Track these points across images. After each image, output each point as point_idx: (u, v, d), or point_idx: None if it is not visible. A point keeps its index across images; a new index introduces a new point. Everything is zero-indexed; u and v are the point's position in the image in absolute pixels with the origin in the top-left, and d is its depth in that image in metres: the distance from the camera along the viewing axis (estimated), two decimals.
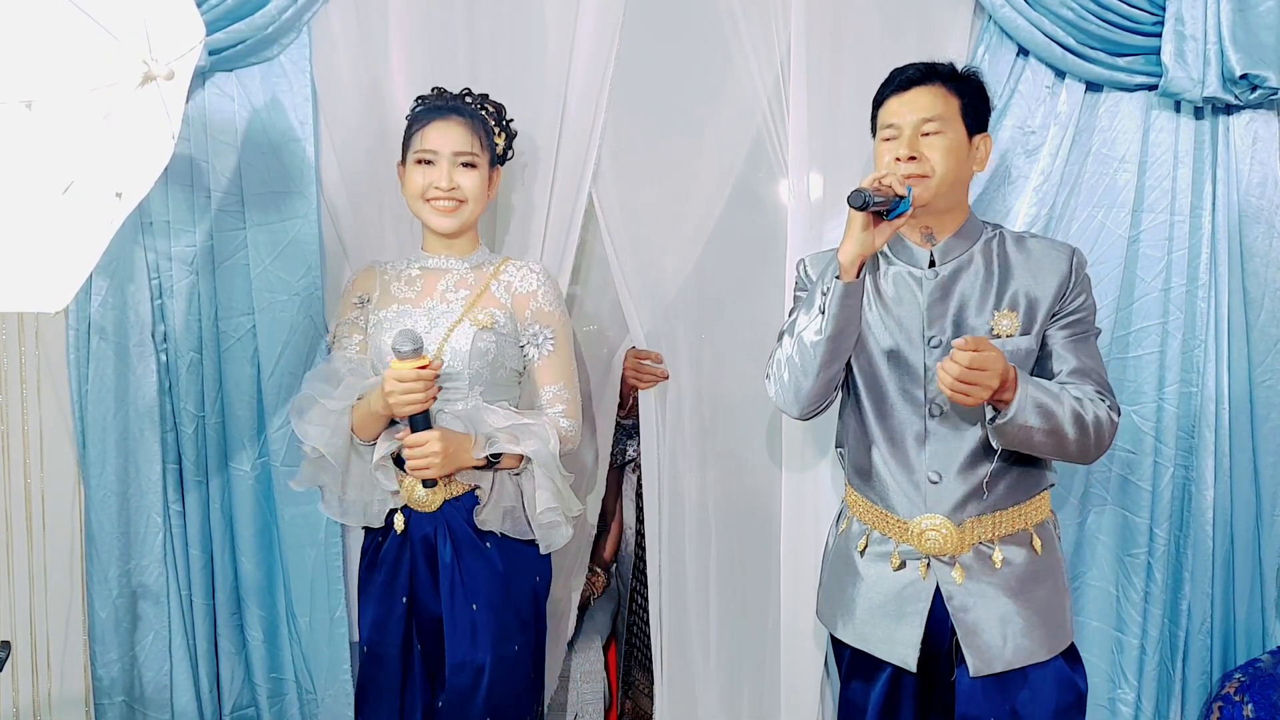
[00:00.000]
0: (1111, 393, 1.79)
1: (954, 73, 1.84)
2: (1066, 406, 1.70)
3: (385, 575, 2.02)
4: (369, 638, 2.04)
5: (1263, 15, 2.06)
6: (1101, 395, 1.77)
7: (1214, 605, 2.28)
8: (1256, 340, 2.23)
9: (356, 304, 2.09)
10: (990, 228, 1.88)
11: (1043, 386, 1.71)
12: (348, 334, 2.09)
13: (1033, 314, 1.79)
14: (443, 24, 2.27)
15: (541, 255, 2.28)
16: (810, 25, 2.19)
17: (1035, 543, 1.82)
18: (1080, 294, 1.81)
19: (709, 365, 2.40)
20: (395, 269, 2.10)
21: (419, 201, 2.02)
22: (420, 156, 2.01)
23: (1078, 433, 1.71)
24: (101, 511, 2.28)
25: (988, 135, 1.85)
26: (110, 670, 2.32)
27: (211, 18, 2.12)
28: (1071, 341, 1.79)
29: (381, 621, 2.01)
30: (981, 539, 1.80)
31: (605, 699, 2.58)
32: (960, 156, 1.80)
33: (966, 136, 1.81)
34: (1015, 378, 1.67)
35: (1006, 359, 1.67)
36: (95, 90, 1.42)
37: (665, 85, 2.31)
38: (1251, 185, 2.19)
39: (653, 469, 2.41)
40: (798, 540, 2.31)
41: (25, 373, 2.29)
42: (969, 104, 1.82)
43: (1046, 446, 1.72)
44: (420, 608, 2.01)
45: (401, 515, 2.01)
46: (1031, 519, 1.83)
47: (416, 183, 2.01)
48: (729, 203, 2.32)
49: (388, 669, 2.02)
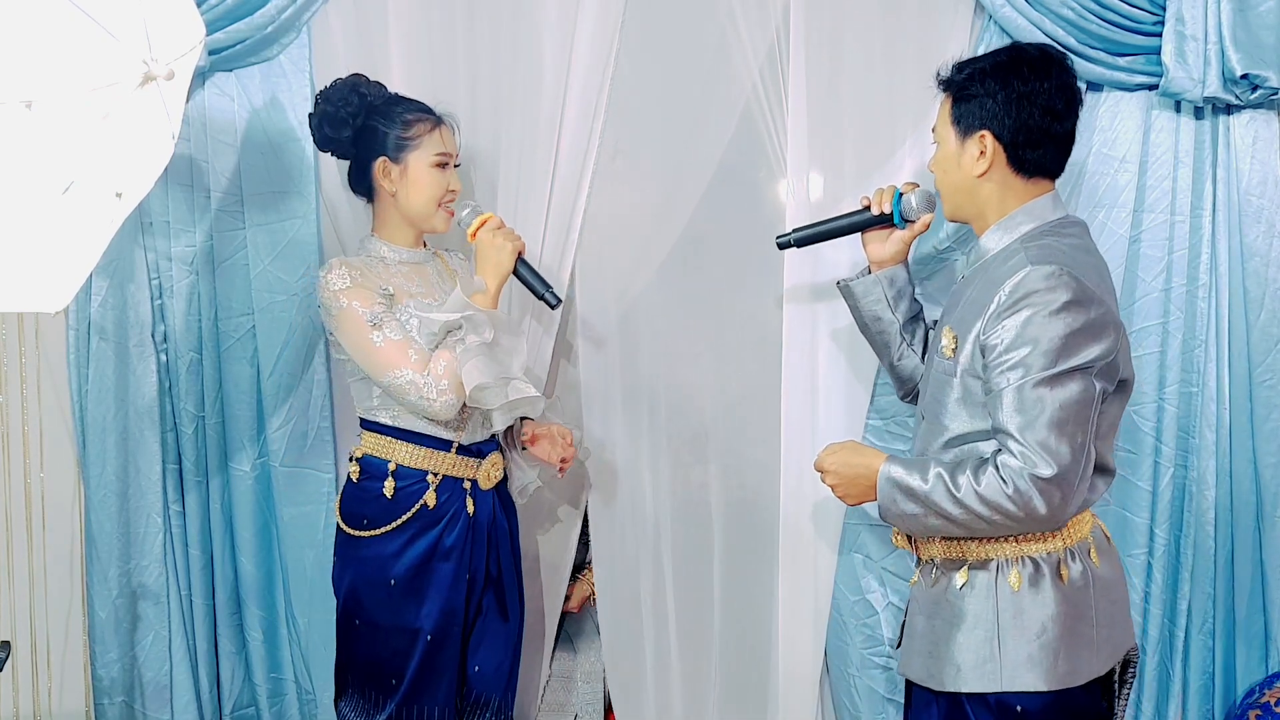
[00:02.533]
0: (1045, 448, 1.50)
1: (953, 74, 1.72)
2: (935, 485, 1.57)
3: (455, 564, 2.03)
4: (437, 625, 2.02)
5: (1263, 15, 2.06)
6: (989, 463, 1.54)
7: (1214, 605, 2.28)
8: (1256, 340, 2.23)
9: (384, 294, 1.96)
10: (1041, 227, 1.66)
11: (909, 466, 1.62)
12: (389, 310, 1.95)
13: (963, 339, 1.63)
14: (443, 24, 2.26)
15: (541, 255, 2.28)
16: (810, 25, 2.18)
17: (961, 577, 1.67)
18: (1008, 326, 1.54)
19: (709, 363, 2.40)
20: (375, 264, 2.02)
21: (432, 204, 2.01)
22: (442, 159, 2.01)
23: (963, 512, 1.55)
24: (101, 511, 2.28)
25: (985, 132, 1.66)
26: (110, 670, 2.32)
27: (211, 17, 2.12)
28: (1010, 389, 1.53)
29: (451, 609, 2.03)
30: (931, 556, 1.73)
31: (605, 699, 2.58)
32: (947, 165, 1.72)
33: (957, 141, 1.70)
34: (878, 468, 1.64)
35: (861, 461, 1.68)
36: (95, 90, 1.42)
37: (664, 85, 2.30)
38: (1251, 185, 2.19)
39: (652, 469, 2.41)
40: (796, 539, 2.31)
41: (25, 373, 2.29)
42: (955, 102, 1.70)
43: (954, 528, 1.60)
44: (474, 583, 2.08)
45: (472, 499, 2.05)
46: (976, 554, 1.66)
47: (438, 185, 2.01)
48: (728, 202, 2.32)
49: (450, 650, 2.04)
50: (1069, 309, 1.52)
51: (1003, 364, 1.54)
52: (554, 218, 2.28)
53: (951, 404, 1.65)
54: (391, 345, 1.91)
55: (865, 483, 1.68)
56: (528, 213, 2.27)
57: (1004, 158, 1.66)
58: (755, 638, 2.42)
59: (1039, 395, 1.51)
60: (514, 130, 2.26)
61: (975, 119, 1.67)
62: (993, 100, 1.65)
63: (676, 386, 2.40)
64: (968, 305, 1.65)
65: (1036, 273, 1.54)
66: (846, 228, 1.95)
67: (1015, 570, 1.63)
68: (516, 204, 2.28)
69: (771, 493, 2.34)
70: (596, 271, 2.36)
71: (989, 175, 1.68)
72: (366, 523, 2.03)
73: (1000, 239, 1.68)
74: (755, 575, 2.40)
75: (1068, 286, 1.53)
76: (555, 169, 2.27)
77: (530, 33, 2.23)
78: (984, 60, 1.71)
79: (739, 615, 2.43)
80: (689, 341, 2.39)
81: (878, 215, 1.91)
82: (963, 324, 1.64)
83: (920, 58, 2.08)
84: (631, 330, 2.38)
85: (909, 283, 1.97)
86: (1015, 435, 1.52)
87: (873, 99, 2.19)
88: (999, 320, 1.55)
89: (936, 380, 1.70)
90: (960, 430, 1.65)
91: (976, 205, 1.71)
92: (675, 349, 2.39)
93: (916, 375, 1.94)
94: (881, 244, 1.93)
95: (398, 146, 2.00)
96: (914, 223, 1.90)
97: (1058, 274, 1.53)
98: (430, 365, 1.92)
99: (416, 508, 2.01)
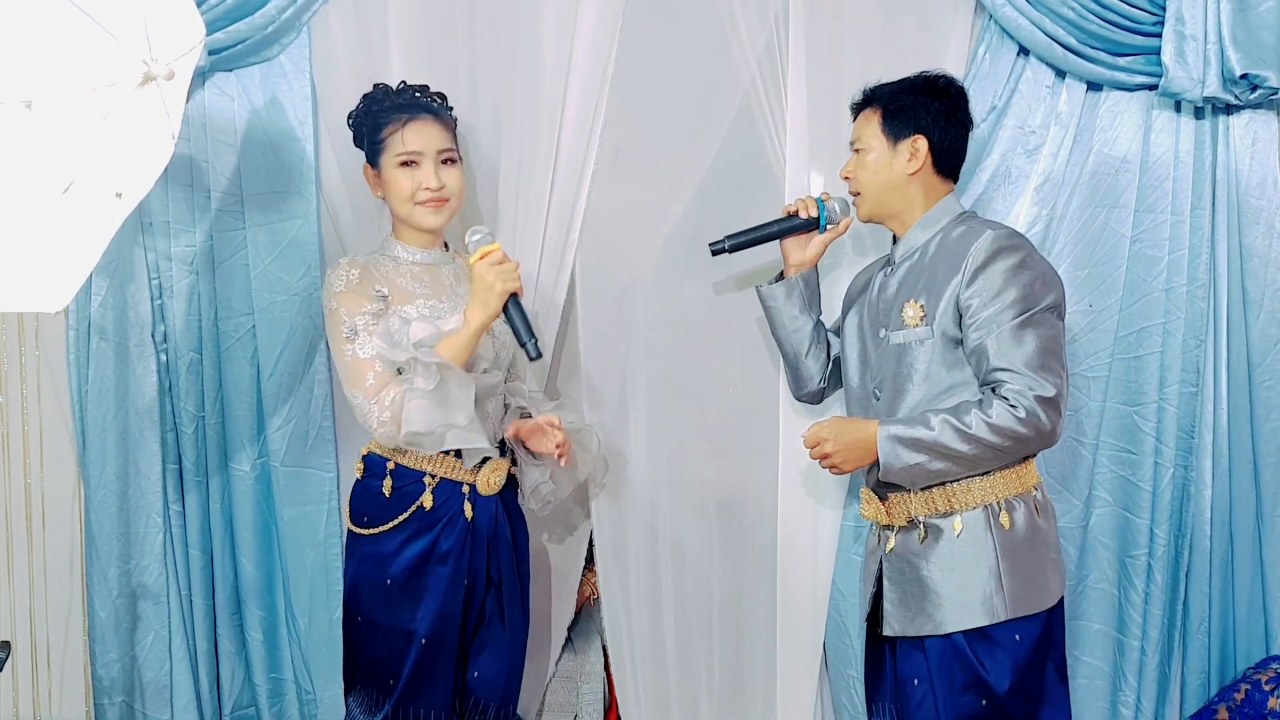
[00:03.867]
0: (1042, 373, 1.75)
1: (877, 92, 1.96)
2: (942, 429, 1.78)
3: (451, 567, 2.02)
4: (432, 628, 2.01)
5: (1263, 15, 2.07)
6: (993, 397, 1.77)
7: (1211, 605, 2.28)
8: (1256, 340, 2.23)
9: (379, 297, 1.98)
10: (959, 218, 1.93)
11: (909, 422, 1.82)
12: (372, 322, 1.96)
13: (934, 304, 1.85)
14: (442, 24, 2.26)
15: (541, 256, 2.28)
16: (810, 25, 2.19)
17: (956, 525, 1.85)
18: (982, 283, 1.80)
19: (709, 363, 2.40)
20: (386, 263, 2.04)
21: (408, 204, 2.01)
22: (404, 159, 2.00)
23: (973, 446, 1.77)
24: (101, 511, 2.28)
25: (918, 136, 1.89)
26: (110, 670, 2.32)
27: (211, 17, 2.12)
28: (993, 336, 1.78)
29: (447, 613, 2.02)
30: (911, 514, 1.89)
31: (605, 699, 2.58)
32: (879, 167, 1.93)
33: (887, 146, 1.92)
34: (875, 431, 1.83)
35: (855, 427, 1.87)
36: (95, 90, 1.42)
37: (664, 84, 2.30)
38: (1251, 185, 2.20)
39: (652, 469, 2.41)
40: (795, 538, 2.31)
41: (25, 373, 2.29)
42: (886, 114, 1.92)
43: (957, 469, 1.81)
44: (474, 589, 2.07)
45: (470, 504, 2.04)
46: (962, 502, 1.85)
47: (404, 186, 2.00)
48: (728, 201, 2.32)
49: (446, 654, 2.04)
50: (1029, 264, 1.81)
51: (985, 315, 1.79)
52: (554, 218, 2.28)
53: (921, 367, 1.87)
54: (356, 362, 1.94)
55: (863, 446, 1.85)
56: (528, 213, 2.27)
57: (930, 160, 1.92)
58: (755, 637, 2.42)
59: (1024, 333, 1.77)
60: (514, 130, 2.26)
61: (909, 126, 1.91)
62: (925, 111, 1.91)
63: (676, 386, 2.40)
64: (931, 277, 1.87)
65: (998, 234, 1.83)
66: (777, 233, 2.10)
67: (1004, 512, 1.84)
68: (516, 204, 2.28)
69: (771, 492, 2.34)
70: (596, 271, 2.36)
71: (918, 175, 1.92)
72: (368, 520, 2.03)
73: (925, 231, 1.94)
74: (754, 575, 2.40)
75: (1023, 246, 1.84)
76: (555, 169, 2.26)
77: (530, 33, 2.23)
78: (906, 81, 1.95)
79: (738, 615, 2.43)
80: (689, 341, 2.39)
81: (805, 220, 2.08)
82: (931, 292, 1.86)
83: (920, 58, 2.08)
84: (631, 330, 2.38)
85: (818, 286, 2.17)
86: (1012, 368, 1.76)
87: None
88: (974, 279, 1.80)
89: (896, 355, 1.91)
90: (929, 391, 1.86)
91: (900, 203, 1.95)
92: (675, 349, 2.39)
93: (817, 375, 2.15)
94: (802, 248, 2.11)
95: (373, 151, 2.03)
96: (835, 225, 2.09)
97: (1013, 235, 1.86)
98: (379, 394, 1.93)
99: (414, 508, 2.01)
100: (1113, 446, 2.28)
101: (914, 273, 1.92)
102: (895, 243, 1.99)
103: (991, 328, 1.78)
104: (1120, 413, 2.27)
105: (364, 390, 1.93)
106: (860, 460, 1.89)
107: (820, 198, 2.09)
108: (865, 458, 1.87)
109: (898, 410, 1.90)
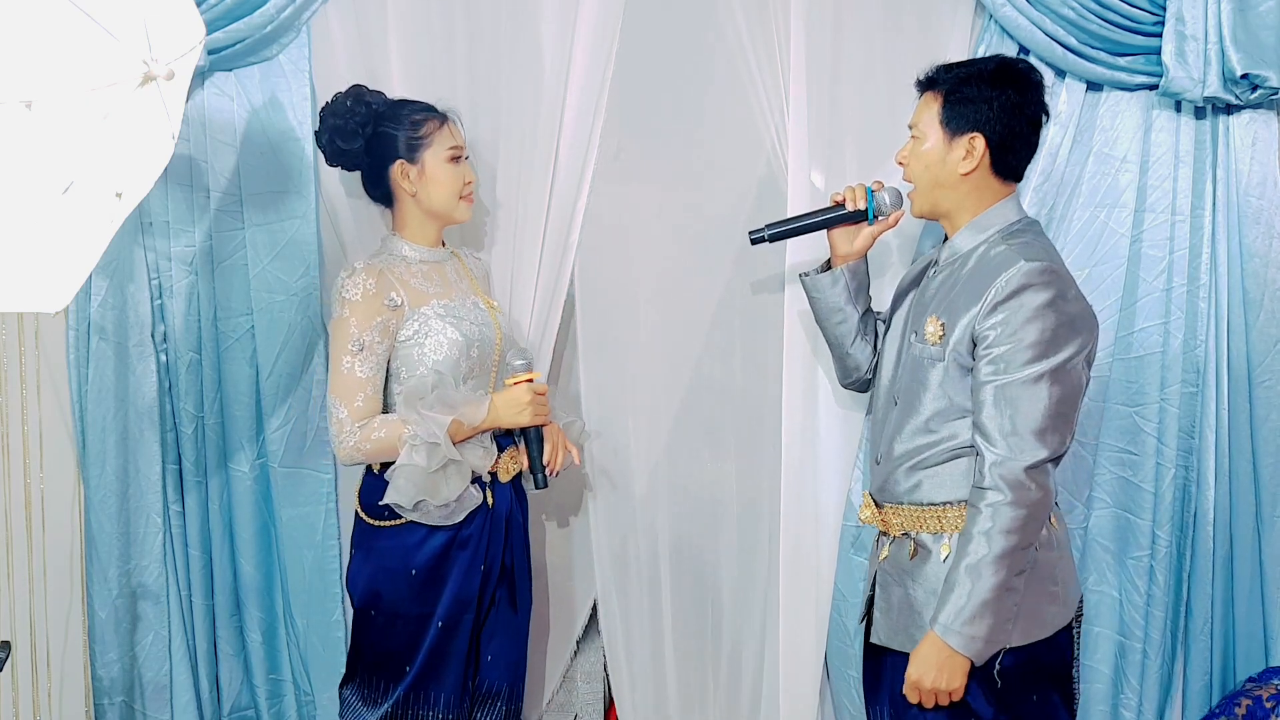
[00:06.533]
0: (1038, 436, 1.64)
1: (942, 74, 1.81)
2: (973, 584, 1.64)
3: (471, 553, 2.05)
4: (449, 612, 2.04)
5: (1263, 15, 2.07)
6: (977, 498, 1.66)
7: (1214, 607, 2.28)
8: (1256, 340, 2.23)
9: (390, 306, 1.98)
10: (1010, 230, 1.78)
11: (942, 603, 1.68)
12: (379, 339, 1.97)
13: (951, 328, 1.74)
14: (442, 24, 2.26)
15: (541, 256, 2.28)
16: (810, 25, 2.18)
17: (944, 549, 1.77)
18: (1002, 317, 1.67)
19: (709, 363, 2.40)
20: (396, 263, 2.04)
21: (454, 198, 2.05)
22: (454, 153, 2.06)
23: (1010, 550, 1.64)
24: (101, 511, 2.28)
25: (976, 134, 1.75)
26: (110, 670, 2.32)
27: (211, 17, 2.12)
28: (989, 385, 1.67)
29: (465, 597, 2.05)
30: (905, 528, 1.83)
31: (605, 699, 2.58)
32: (931, 160, 1.79)
33: (944, 139, 1.77)
34: (935, 641, 1.67)
35: (919, 656, 1.70)
36: (95, 90, 1.42)
37: (664, 84, 2.30)
38: (1251, 185, 2.19)
39: (652, 469, 2.41)
40: (796, 539, 2.31)
41: (25, 373, 2.29)
42: (947, 102, 1.77)
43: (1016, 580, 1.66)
44: (490, 574, 2.09)
45: (490, 492, 2.07)
46: (953, 525, 1.76)
47: (456, 179, 2.05)
48: (728, 201, 2.32)
49: (460, 638, 2.06)
50: (1057, 305, 1.67)
51: (997, 351, 1.67)
52: (554, 217, 2.28)
53: (934, 386, 1.77)
54: (351, 378, 1.96)
55: (939, 658, 1.68)
56: (528, 213, 2.27)
57: (988, 160, 1.77)
58: (756, 638, 2.42)
59: (1033, 389, 1.65)
60: (514, 131, 2.26)
61: (968, 121, 1.76)
62: (988, 106, 1.75)
63: (676, 386, 2.40)
64: (957, 296, 1.76)
65: (1030, 268, 1.68)
66: (820, 224, 2.00)
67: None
68: (517, 204, 2.28)
69: (772, 493, 2.34)
70: (596, 271, 2.36)
71: (972, 175, 1.78)
72: (388, 513, 2.02)
73: (973, 237, 1.80)
74: (756, 576, 2.41)
75: (1054, 284, 1.68)
76: (555, 169, 2.26)
77: (530, 33, 2.23)
78: (975, 65, 1.81)
79: (739, 615, 2.43)
80: (689, 342, 2.39)
81: (852, 211, 1.97)
82: (952, 313, 1.75)
83: (920, 57, 2.07)
84: (631, 330, 2.38)
85: (867, 276, 2.05)
86: (999, 434, 1.65)
87: (873, 98, 2.20)
88: (994, 311, 1.68)
89: (914, 365, 1.81)
90: (938, 408, 1.77)
91: (952, 202, 1.81)
92: (675, 349, 2.39)
93: (864, 364, 2.05)
94: (850, 239, 2.00)
95: (411, 147, 2.03)
96: (885, 218, 1.97)
97: (1047, 270, 1.68)
98: (369, 422, 1.96)
99: None
100: (1113, 447, 2.28)
101: (948, 284, 1.79)
102: (944, 241, 1.88)
103: (1000, 367, 1.66)
104: (1120, 413, 2.27)
105: (350, 409, 1.96)
106: (957, 667, 1.68)
107: (871, 187, 1.97)
108: (953, 660, 1.67)
109: (907, 423, 1.80)
